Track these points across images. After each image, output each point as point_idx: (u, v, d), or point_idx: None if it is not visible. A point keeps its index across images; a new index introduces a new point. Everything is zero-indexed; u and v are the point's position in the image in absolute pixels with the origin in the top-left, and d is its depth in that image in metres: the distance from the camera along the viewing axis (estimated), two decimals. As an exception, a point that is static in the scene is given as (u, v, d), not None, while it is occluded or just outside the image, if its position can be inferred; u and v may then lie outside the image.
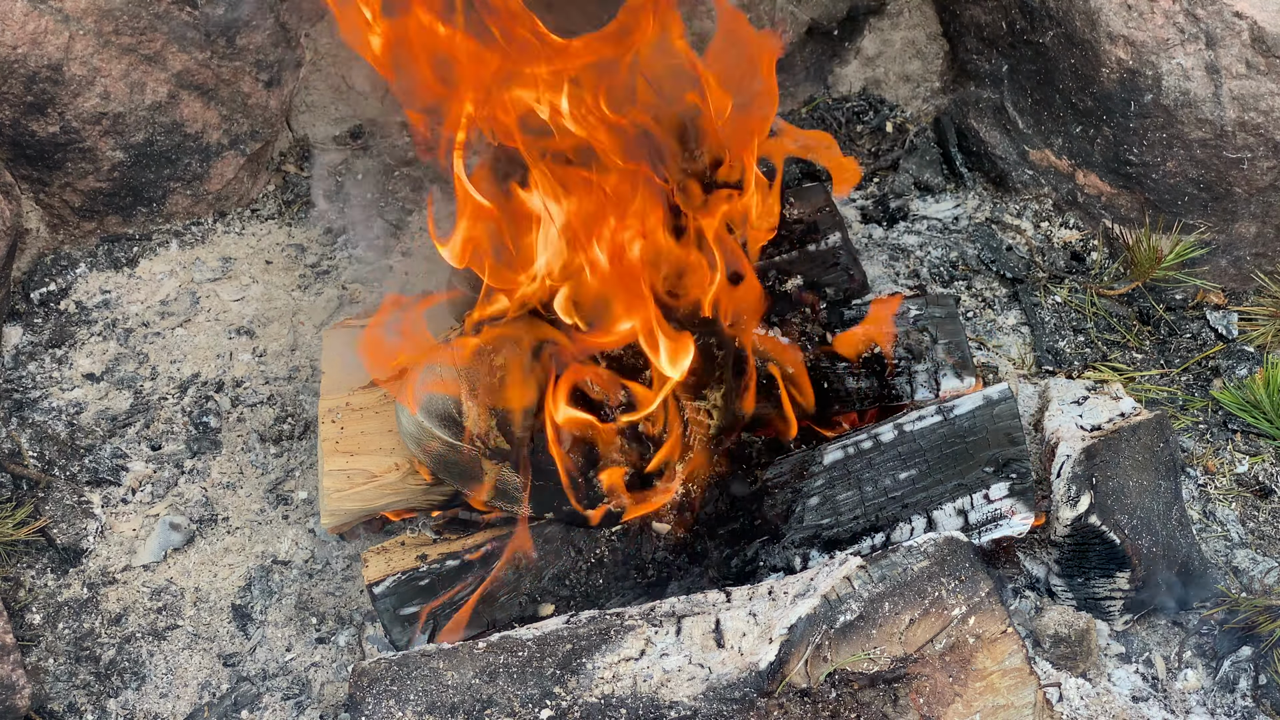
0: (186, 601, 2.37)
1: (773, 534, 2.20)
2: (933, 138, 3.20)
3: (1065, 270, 2.89)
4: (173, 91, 2.82)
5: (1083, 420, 2.32)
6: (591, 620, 1.98)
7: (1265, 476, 2.53)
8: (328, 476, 2.26)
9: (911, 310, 2.48)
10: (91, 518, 2.48)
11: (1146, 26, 2.63)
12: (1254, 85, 2.54)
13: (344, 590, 2.37)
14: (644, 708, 1.82)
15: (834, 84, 3.32)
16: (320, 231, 3.01)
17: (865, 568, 1.94)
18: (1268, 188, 2.66)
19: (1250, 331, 2.75)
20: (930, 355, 2.41)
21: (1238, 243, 2.76)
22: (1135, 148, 2.75)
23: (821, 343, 2.38)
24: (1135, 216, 2.84)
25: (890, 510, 2.21)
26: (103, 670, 2.27)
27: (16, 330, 2.77)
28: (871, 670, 1.85)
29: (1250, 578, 2.34)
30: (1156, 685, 2.21)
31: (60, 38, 2.62)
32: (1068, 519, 2.21)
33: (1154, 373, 2.70)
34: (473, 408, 2.07)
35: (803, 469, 2.23)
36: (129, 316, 2.82)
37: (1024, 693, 1.88)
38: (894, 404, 2.36)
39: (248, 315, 2.83)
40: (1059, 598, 2.28)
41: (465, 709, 1.84)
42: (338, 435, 2.31)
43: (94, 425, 2.61)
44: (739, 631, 1.90)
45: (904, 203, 3.07)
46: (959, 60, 3.19)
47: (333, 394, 2.39)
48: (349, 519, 2.30)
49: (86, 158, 2.79)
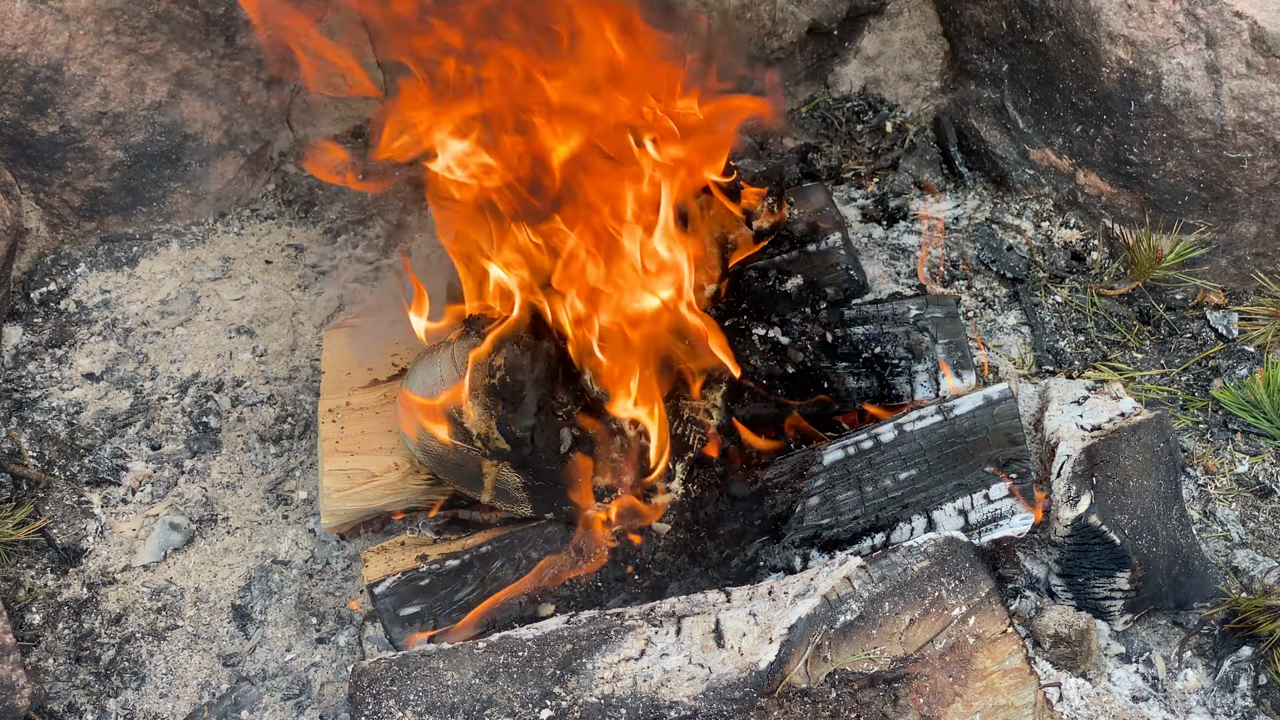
0: (186, 601, 2.37)
1: (773, 534, 2.20)
2: (932, 137, 3.20)
3: (1065, 270, 2.89)
4: (173, 91, 2.82)
5: (1083, 420, 2.32)
6: (591, 620, 1.97)
7: (1265, 476, 2.53)
8: (328, 476, 2.26)
9: (911, 310, 2.48)
10: (91, 518, 2.48)
11: (1146, 26, 2.63)
12: (1254, 85, 2.54)
13: (344, 590, 2.37)
14: (644, 708, 1.82)
15: (834, 83, 3.32)
16: (320, 231, 3.01)
17: (865, 568, 1.94)
18: (1268, 187, 2.66)
19: (1250, 331, 2.75)
20: (930, 355, 2.41)
21: (1238, 242, 2.76)
22: (1135, 147, 2.74)
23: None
24: (1135, 216, 2.84)
25: (890, 510, 2.21)
26: (103, 670, 2.27)
27: (16, 330, 2.77)
28: (871, 670, 1.85)
29: (1250, 578, 2.34)
30: (1156, 685, 2.21)
31: (60, 37, 2.62)
32: (1068, 519, 2.20)
33: (1154, 373, 2.70)
34: (473, 408, 2.07)
35: (803, 469, 2.23)
36: (129, 316, 2.82)
37: (1024, 693, 1.88)
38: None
39: (248, 315, 2.83)
40: (1059, 598, 2.28)
41: (465, 709, 1.84)
42: (338, 435, 2.31)
43: (94, 425, 2.61)
44: (739, 631, 1.90)
45: (904, 202, 3.07)
46: (959, 60, 3.19)
47: (333, 394, 2.39)
48: (349, 519, 2.30)
49: (86, 157, 2.79)
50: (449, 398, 2.03)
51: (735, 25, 3.02)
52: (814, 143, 3.22)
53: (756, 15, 3.06)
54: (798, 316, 2.43)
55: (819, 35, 3.22)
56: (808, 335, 2.40)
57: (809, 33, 3.18)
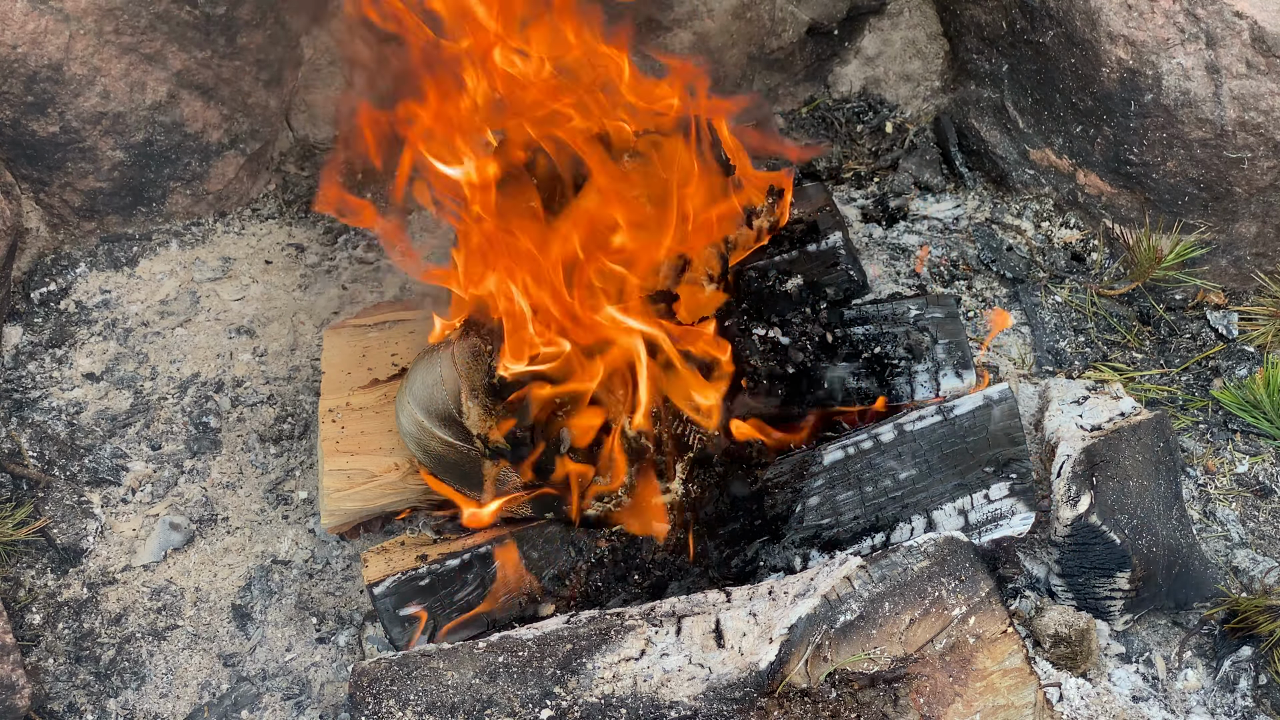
0: (186, 601, 2.37)
1: (773, 534, 2.20)
2: (933, 137, 3.20)
3: (1065, 270, 2.89)
4: (173, 91, 2.82)
5: (1083, 420, 2.32)
6: (591, 620, 1.98)
7: (1265, 476, 2.53)
8: (328, 476, 2.26)
9: (911, 310, 2.48)
10: (91, 518, 2.48)
11: (1146, 26, 2.63)
12: (1254, 85, 2.54)
13: (344, 590, 2.37)
14: (644, 708, 1.82)
15: (834, 84, 3.32)
16: (320, 232, 3.01)
17: (865, 568, 1.94)
18: (1268, 187, 2.66)
19: (1250, 331, 2.75)
20: (930, 355, 2.41)
21: (1238, 242, 2.76)
22: (1135, 147, 2.74)
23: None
24: (1135, 216, 2.84)
25: (890, 510, 2.21)
26: (103, 670, 2.27)
27: (16, 330, 2.77)
28: (872, 670, 1.85)
29: (1250, 578, 2.34)
30: (1156, 685, 2.21)
31: (60, 37, 2.62)
32: (1068, 519, 2.20)
33: (1154, 373, 2.70)
34: (473, 408, 2.07)
35: (803, 469, 2.23)
36: (129, 316, 2.82)
37: (1024, 693, 1.88)
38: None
39: (248, 315, 2.83)
40: (1059, 598, 2.28)
41: (465, 709, 1.84)
42: (338, 435, 2.31)
43: (94, 425, 2.61)
44: (739, 631, 1.90)
45: (904, 202, 3.07)
46: (959, 60, 3.19)
47: (333, 394, 2.39)
48: (349, 519, 2.30)
49: (86, 157, 2.79)
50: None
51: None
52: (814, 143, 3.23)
53: (756, 15, 3.06)
54: (798, 316, 2.43)
55: (819, 35, 3.22)
56: (808, 335, 2.40)
57: (809, 32, 3.18)
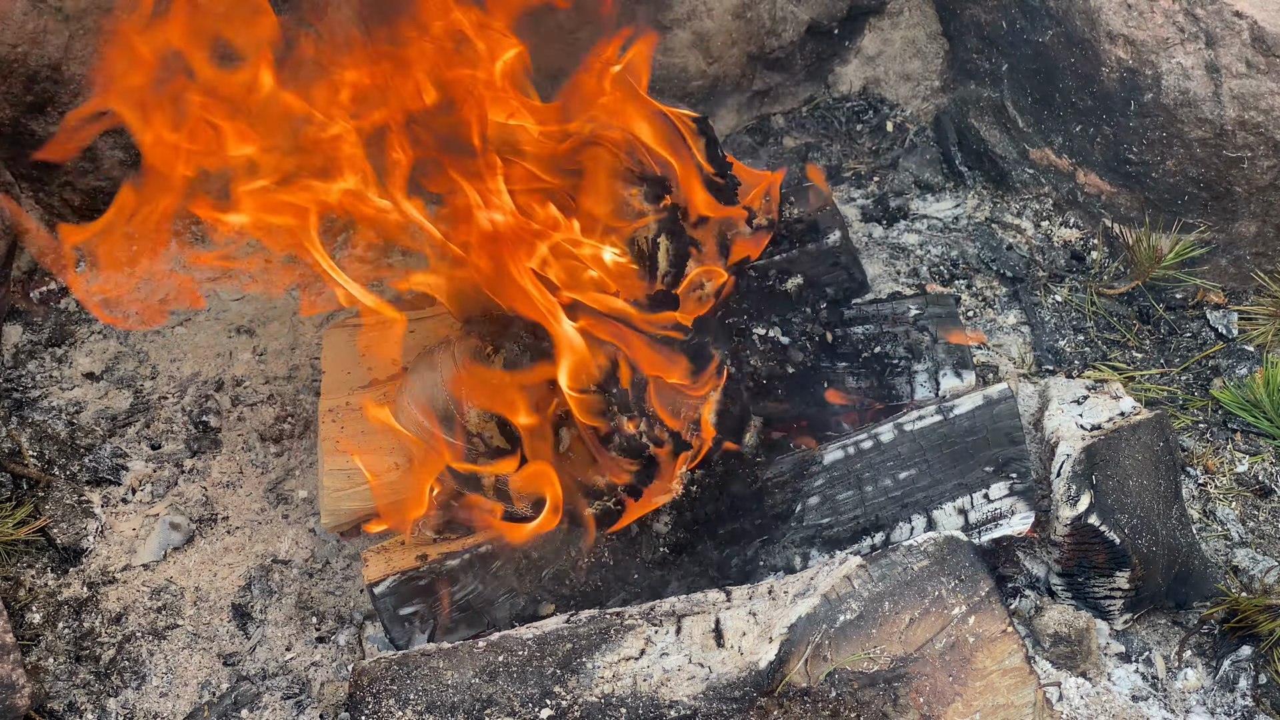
0: (186, 601, 2.37)
1: (773, 534, 2.20)
2: (932, 137, 3.20)
3: (1065, 269, 2.89)
4: (172, 91, 2.82)
5: (1083, 420, 2.32)
6: (591, 620, 1.98)
7: (1265, 476, 2.53)
8: (328, 476, 2.26)
9: (911, 310, 2.48)
10: (91, 517, 2.48)
11: (1146, 26, 2.63)
12: (1254, 84, 2.54)
13: (344, 590, 2.37)
14: (644, 707, 1.82)
15: (834, 83, 3.32)
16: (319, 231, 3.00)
17: (865, 567, 1.94)
18: (1268, 187, 2.66)
19: (1250, 331, 2.75)
20: (930, 355, 2.41)
21: (1238, 242, 2.76)
22: (1135, 147, 2.74)
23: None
24: (1135, 216, 2.84)
25: (890, 510, 2.21)
26: (103, 670, 2.27)
27: (16, 329, 2.77)
28: (872, 669, 1.85)
29: (1250, 577, 2.34)
30: (1156, 685, 2.21)
31: (60, 37, 2.62)
32: (1068, 518, 2.21)
33: (1154, 372, 2.70)
34: (472, 408, 2.07)
35: (803, 469, 2.23)
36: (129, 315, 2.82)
37: (1024, 692, 1.88)
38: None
39: (248, 314, 2.83)
40: (1059, 597, 2.28)
41: (465, 708, 1.84)
42: (338, 435, 2.31)
43: (94, 424, 2.61)
44: (739, 631, 1.90)
45: (904, 202, 3.07)
46: (959, 59, 3.19)
47: (333, 393, 2.39)
48: (349, 518, 2.30)
49: (86, 157, 2.79)
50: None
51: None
52: (814, 142, 3.23)
53: (756, 15, 3.06)
54: (798, 316, 2.43)
55: (819, 35, 3.22)
56: (808, 335, 2.40)
57: (809, 32, 3.18)
